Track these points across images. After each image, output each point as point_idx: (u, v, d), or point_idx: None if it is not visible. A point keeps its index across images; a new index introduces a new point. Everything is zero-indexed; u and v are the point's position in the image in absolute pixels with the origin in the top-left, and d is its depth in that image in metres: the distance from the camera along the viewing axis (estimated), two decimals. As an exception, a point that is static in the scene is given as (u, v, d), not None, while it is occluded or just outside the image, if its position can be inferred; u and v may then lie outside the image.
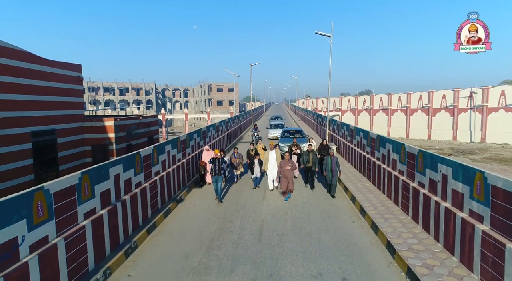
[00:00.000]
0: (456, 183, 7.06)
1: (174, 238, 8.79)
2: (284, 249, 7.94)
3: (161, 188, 10.93)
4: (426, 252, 7.23)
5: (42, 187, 5.59)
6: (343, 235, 8.77)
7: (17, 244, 4.94)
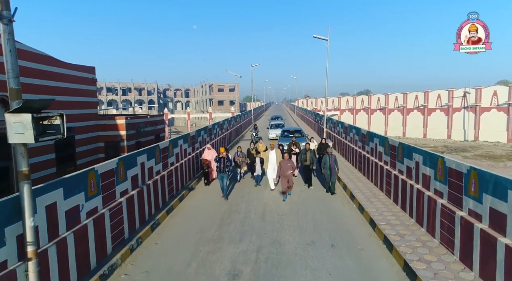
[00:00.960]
0: (425, 168, 8.56)
1: (190, 217, 10.30)
2: (283, 225, 9.45)
3: (176, 177, 12.44)
4: (401, 226, 8.73)
5: (93, 168, 7.10)
6: (334, 215, 10.27)
7: (78, 210, 6.43)
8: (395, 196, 10.58)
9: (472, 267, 6.25)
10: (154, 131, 26.35)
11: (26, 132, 4.57)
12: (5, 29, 4.66)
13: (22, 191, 4.84)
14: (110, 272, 6.80)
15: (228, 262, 7.31)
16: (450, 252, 7.09)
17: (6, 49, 4.69)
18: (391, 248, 7.63)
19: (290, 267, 7.09)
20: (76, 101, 18.55)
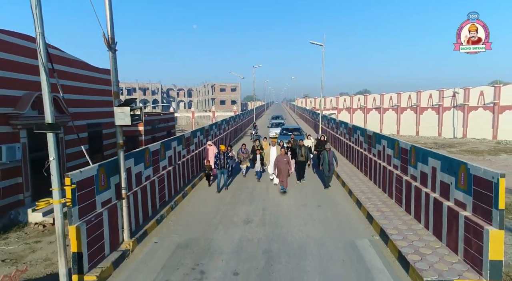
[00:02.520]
0: (387, 150, 11.44)
1: (209, 190, 13.19)
2: (284, 195, 12.34)
3: (196, 161, 15.29)
4: (370, 193, 11.62)
5: (148, 147, 9.98)
6: (322, 190, 13.15)
7: (141, 175, 9.32)
8: (371, 175, 13.49)
9: (412, 212, 9.13)
10: (166, 128, 29.25)
11: (126, 118, 7.44)
12: (112, 56, 7.53)
13: (119, 155, 7.74)
14: (161, 219, 9.70)
15: (242, 214, 10.20)
16: (399, 205, 10.00)
17: (112, 68, 7.59)
18: (360, 206, 10.51)
19: (287, 217, 9.97)
20: (103, 100, 21.37)
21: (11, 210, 12.25)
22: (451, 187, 7.14)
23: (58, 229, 5.67)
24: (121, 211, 7.74)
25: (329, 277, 6.54)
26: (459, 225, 6.60)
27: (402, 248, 7.16)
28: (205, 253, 7.62)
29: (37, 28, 5.20)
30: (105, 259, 6.92)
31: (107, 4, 7.16)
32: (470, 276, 5.96)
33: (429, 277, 5.95)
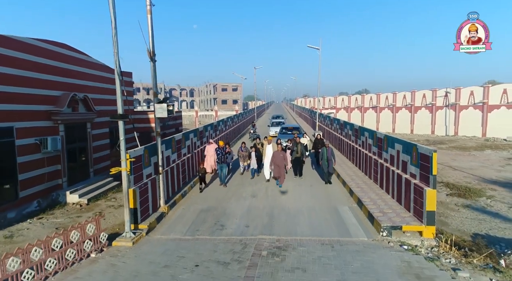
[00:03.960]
0: (369, 140, 13.84)
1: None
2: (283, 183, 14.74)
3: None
4: (354, 175, 14.02)
5: (174, 137, 12.38)
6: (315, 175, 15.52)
7: (170, 158, 11.71)
8: (357, 163, 15.90)
9: (384, 188, 11.53)
10: (174, 125, 31.70)
11: (164, 112, 9.82)
12: (152, 65, 9.91)
13: (157, 141, 10.14)
14: (185, 194, 12.14)
15: (249, 191, 12.62)
16: (375, 183, 12.43)
17: (153, 74, 9.97)
18: (344, 185, 12.93)
19: (285, 193, 12.38)
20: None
21: (53, 192, 14.64)
22: (408, 164, 9.54)
23: (124, 188, 8.07)
24: (158, 183, 10.14)
25: (315, 227, 8.95)
26: (411, 190, 9.00)
27: (371, 210, 9.57)
28: (222, 214, 10.04)
29: (114, 49, 7.59)
30: (150, 216, 9.34)
31: (150, 28, 9.54)
32: (414, 223, 8.37)
33: (386, 224, 8.36)
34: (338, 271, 6.57)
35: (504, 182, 20.53)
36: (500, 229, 12.27)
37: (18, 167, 12.75)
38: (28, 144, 13.23)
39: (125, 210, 8.06)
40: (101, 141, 20.46)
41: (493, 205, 15.62)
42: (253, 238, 8.29)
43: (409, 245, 7.78)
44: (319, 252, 7.39)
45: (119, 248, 7.83)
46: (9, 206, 12.30)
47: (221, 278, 6.39)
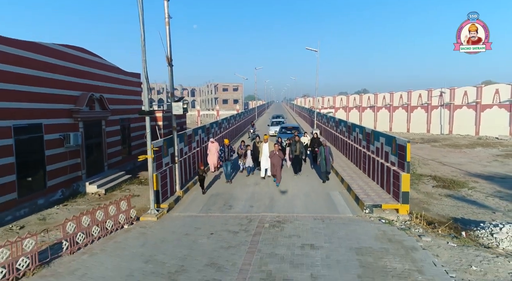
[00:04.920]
0: (359, 135, 15.42)
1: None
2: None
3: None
4: (346, 167, 15.60)
5: (185, 132, 13.95)
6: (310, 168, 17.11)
7: (182, 151, 13.29)
8: (352, 158, 17.49)
9: (371, 176, 13.12)
10: (179, 123, 33.26)
11: (180, 109, 11.40)
12: (170, 69, 11.50)
13: (174, 134, 11.73)
14: (196, 182, 13.70)
15: (252, 181, 14.22)
16: (364, 173, 14.02)
17: (170, 76, 11.55)
18: (337, 174, 14.52)
19: (284, 181, 13.96)
20: (130, 99, 25.33)
21: (74, 183, 16.21)
22: (389, 154, 11.14)
23: (150, 173, 9.67)
24: (174, 171, 11.74)
25: (309, 207, 10.56)
26: (391, 175, 10.60)
27: (358, 193, 11.18)
28: (230, 198, 11.66)
29: (142, 56, 9.17)
30: (168, 198, 10.96)
31: (168, 37, 11.13)
32: (392, 202, 9.98)
33: (368, 203, 9.96)
34: (326, 237, 8.17)
35: (487, 175, 22.15)
36: (475, 213, 13.88)
37: (46, 160, 14.31)
38: (54, 139, 14.77)
39: (150, 191, 9.65)
40: (114, 138, 22.01)
41: (473, 194, 17.23)
42: (257, 215, 9.90)
43: (387, 220, 9.38)
44: (312, 224, 9.00)
45: (146, 222, 9.43)
46: (39, 194, 13.84)
47: (232, 242, 7.99)
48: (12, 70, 11.87)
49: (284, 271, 6.54)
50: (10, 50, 11.68)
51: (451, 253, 7.47)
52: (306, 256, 7.17)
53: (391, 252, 7.29)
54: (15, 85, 12.10)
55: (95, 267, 6.88)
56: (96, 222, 8.12)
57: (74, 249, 7.42)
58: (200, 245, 7.87)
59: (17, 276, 6.26)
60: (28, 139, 13.31)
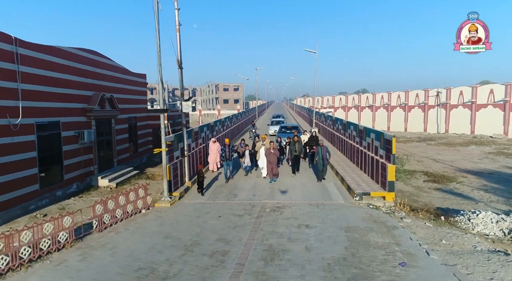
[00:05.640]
0: (353, 132, 16.61)
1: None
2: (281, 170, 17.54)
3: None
4: (341, 161, 16.79)
5: (192, 129, 15.14)
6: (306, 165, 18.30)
7: (190, 146, 14.48)
8: (347, 154, 18.68)
9: (363, 169, 14.31)
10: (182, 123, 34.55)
11: (189, 107, 12.59)
12: (180, 72, 12.69)
13: (183, 130, 12.93)
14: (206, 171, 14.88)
15: (254, 174, 15.40)
16: (357, 166, 15.22)
17: (180, 78, 12.74)
18: (332, 168, 15.71)
19: (284, 175, 15.14)
20: (137, 98, 26.50)
21: (87, 177, 17.39)
22: (378, 148, 12.33)
23: (164, 164, 10.86)
24: (183, 163, 12.93)
25: (306, 196, 11.77)
26: (379, 167, 11.79)
27: (350, 184, 12.37)
28: (235, 188, 12.86)
29: (158, 60, 10.37)
30: (179, 188, 12.15)
31: (178, 42, 12.32)
32: (380, 191, 11.17)
33: (358, 191, 11.17)
34: (319, 219, 9.38)
35: (476, 171, 23.36)
36: (459, 204, 15.08)
37: (63, 154, 15.48)
38: (69, 135, 15.94)
39: (164, 180, 10.85)
40: (122, 135, 23.17)
41: (460, 188, 18.45)
42: (259, 202, 11.11)
43: (374, 205, 10.58)
44: (308, 209, 10.21)
45: (161, 208, 10.64)
46: (57, 186, 15.01)
47: (238, 223, 9.19)
48: (36, 72, 13.03)
49: (283, 244, 7.74)
50: (33, 54, 12.85)
51: (427, 231, 8.67)
52: (302, 233, 8.37)
53: (375, 230, 8.49)
54: (38, 85, 13.27)
55: (122, 242, 8.08)
56: (119, 206, 9.30)
57: (102, 227, 8.62)
58: (210, 225, 9.07)
59: (59, 247, 7.45)
60: (47, 135, 14.45)
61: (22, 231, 6.69)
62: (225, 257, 7.17)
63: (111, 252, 7.51)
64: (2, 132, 11.22)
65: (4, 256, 6.34)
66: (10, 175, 11.53)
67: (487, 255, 7.20)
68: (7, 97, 11.56)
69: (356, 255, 7.16)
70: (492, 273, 6.32)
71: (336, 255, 7.14)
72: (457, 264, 6.72)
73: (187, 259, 7.12)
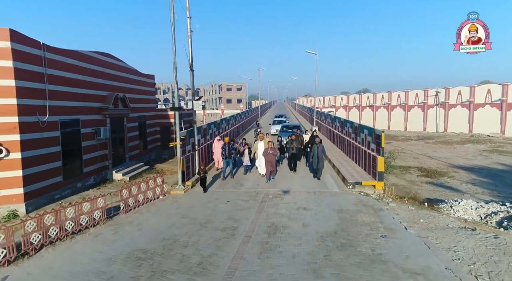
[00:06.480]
0: (350, 129, 17.93)
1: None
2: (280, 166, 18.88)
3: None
4: (339, 156, 18.12)
5: (201, 126, 16.51)
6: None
7: (200, 141, 15.85)
8: (346, 151, 20.00)
9: (357, 162, 15.63)
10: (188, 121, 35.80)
11: (200, 106, 13.97)
12: (191, 74, 14.05)
13: (194, 127, 14.31)
14: (210, 168, 16.26)
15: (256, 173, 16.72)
16: (352, 160, 16.53)
17: (192, 80, 14.11)
18: (330, 162, 17.04)
19: (285, 169, 16.47)
20: (146, 98, 27.91)
21: (102, 171, 18.77)
22: (370, 143, 13.65)
23: (178, 156, 12.23)
24: (194, 157, 14.29)
25: (305, 185, 13.12)
26: (370, 159, 13.12)
27: (345, 175, 13.71)
28: (240, 179, 14.25)
29: (173, 64, 11.73)
30: (190, 178, 13.52)
31: (190, 47, 13.69)
32: (371, 180, 12.50)
33: (351, 180, 12.51)
34: (316, 203, 10.75)
35: (468, 167, 24.66)
36: (447, 195, 16.41)
37: (83, 150, 16.88)
38: (88, 132, 17.32)
39: (178, 170, 12.24)
40: (133, 133, 24.56)
41: (450, 181, 19.77)
42: (263, 190, 12.48)
43: (365, 193, 11.92)
44: (306, 196, 11.58)
45: (176, 195, 12.02)
46: (77, 178, 16.41)
47: (245, 206, 10.56)
48: (59, 74, 14.40)
49: (284, 222, 9.10)
50: (58, 57, 14.22)
51: (408, 213, 10.01)
52: (300, 214, 9.73)
53: (363, 212, 9.83)
54: (61, 86, 14.65)
55: (145, 221, 9.47)
56: (141, 192, 10.68)
57: (127, 209, 10.00)
58: (220, 208, 10.45)
59: (94, 223, 8.83)
60: (69, 132, 15.84)
61: (67, 207, 8.07)
62: (235, 231, 8.53)
63: (138, 228, 8.89)
64: (33, 128, 12.58)
65: (54, 227, 7.72)
66: (39, 166, 12.88)
67: (457, 230, 8.52)
68: (37, 97, 12.92)
69: (345, 230, 8.50)
70: (457, 242, 7.64)
71: (328, 230, 8.48)
72: (429, 236, 8.04)
73: (203, 233, 8.48)
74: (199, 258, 7.08)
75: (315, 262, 6.80)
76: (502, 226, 10.78)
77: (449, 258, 6.90)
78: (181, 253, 7.29)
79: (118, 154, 20.91)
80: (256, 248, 7.52)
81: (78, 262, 6.98)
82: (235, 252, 7.32)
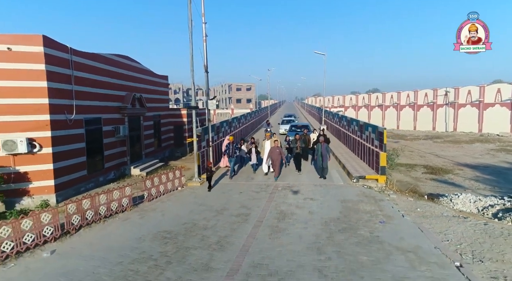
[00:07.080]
0: (356, 127, 18.77)
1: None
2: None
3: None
4: (345, 153, 18.95)
5: (215, 124, 17.56)
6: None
7: (213, 138, 16.88)
8: (351, 148, 20.84)
9: (362, 158, 16.47)
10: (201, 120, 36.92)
11: (214, 105, 14.99)
12: (206, 76, 15.09)
13: (208, 125, 15.32)
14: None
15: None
16: (357, 156, 17.36)
17: (206, 81, 15.14)
18: (336, 158, 17.90)
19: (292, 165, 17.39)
20: (160, 98, 29.10)
21: (121, 167, 19.94)
22: (374, 139, 14.49)
23: (195, 151, 13.27)
24: (208, 152, 15.32)
25: (311, 179, 14.03)
26: (374, 155, 13.96)
27: (350, 170, 14.57)
28: (251, 174, 15.25)
29: (191, 66, 12.77)
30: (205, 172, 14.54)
31: (204, 50, 14.71)
32: (374, 174, 13.35)
33: (355, 174, 13.37)
34: (322, 194, 11.67)
35: (473, 165, 25.21)
36: (449, 191, 17.15)
37: (104, 146, 18.06)
38: (108, 130, 18.48)
39: (195, 164, 13.28)
40: (149, 131, 25.70)
41: (454, 178, 20.46)
42: (273, 183, 13.45)
43: (368, 186, 12.78)
44: (312, 188, 12.51)
45: (193, 187, 13.08)
46: (99, 173, 17.59)
47: (256, 196, 11.55)
48: (84, 76, 15.56)
49: (292, 210, 10.06)
50: (83, 60, 15.38)
51: (407, 203, 10.86)
52: (307, 203, 10.67)
53: (365, 202, 10.72)
54: (85, 87, 15.81)
55: (167, 208, 10.53)
56: (162, 183, 11.76)
57: (150, 198, 11.09)
58: (234, 198, 11.46)
59: (122, 209, 9.92)
60: (92, 129, 16.99)
61: (101, 194, 9.18)
62: (248, 217, 9.53)
63: (161, 214, 9.96)
64: (62, 125, 13.74)
65: (90, 211, 8.83)
66: (67, 161, 14.04)
67: (450, 218, 9.36)
68: (65, 97, 14.09)
69: (347, 216, 9.41)
70: (448, 228, 8.49)
71: (332, 216, 9.41)
72: (423, 223, 8.90)
73: (219, 218, 9.50)
74: (217, 238, 8.08)
75: (319, 242, 7.74)
76: (497, 217, 11.52)
77: (439, 240, 7.76)
78: (201, 234, 8.31)
79: (135, 151, 22.04)
80: (267, 230, 8.49)
81: (113, 239, 8.06)
82: (248, 233, 8.31)
